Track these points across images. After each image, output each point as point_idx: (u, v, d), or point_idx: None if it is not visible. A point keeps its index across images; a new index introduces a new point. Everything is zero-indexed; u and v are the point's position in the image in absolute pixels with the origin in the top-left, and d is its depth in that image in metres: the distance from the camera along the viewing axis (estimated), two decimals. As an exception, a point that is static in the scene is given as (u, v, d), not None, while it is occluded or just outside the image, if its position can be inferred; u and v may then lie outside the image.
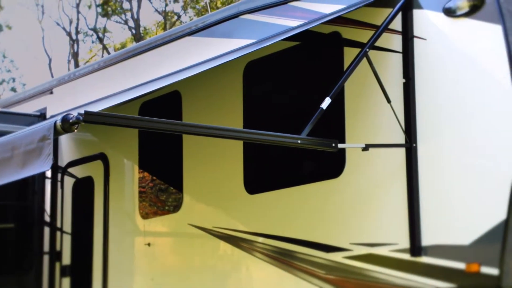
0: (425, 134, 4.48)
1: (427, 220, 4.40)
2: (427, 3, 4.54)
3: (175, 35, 6.01)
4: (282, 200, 5.24)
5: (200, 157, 5.88)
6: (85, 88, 6.83)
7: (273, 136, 4.31)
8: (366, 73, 4.56)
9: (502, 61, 4.17)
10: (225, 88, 5.73)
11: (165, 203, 6.35)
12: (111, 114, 3.89)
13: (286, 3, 5.21)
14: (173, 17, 23.71)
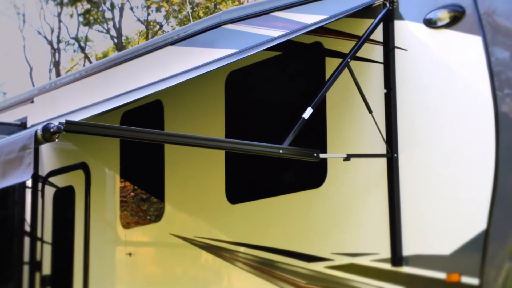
0: (406, 144, 4.50)
1: (408, 230, 4.41)
2: (408, 14, 4.57)
3: (157, 45, 6.00)
4: (264, 210, 5.23)
5: (182, 167, 5.87)
6: (67, 97, 6.80)
7: (255, 146, 4.31)
8: (348, 83, 4.58)
9: (482, 72, 4.20)
10: (207, 97, 5.73)
11: (147, 213, 6.33)
12: (92, 124, 3.88)
13: (268, 13, 5.22)
14: (155, 26, 23.69)
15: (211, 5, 21.27)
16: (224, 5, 21.01)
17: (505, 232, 4.06)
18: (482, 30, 4.23)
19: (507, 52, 4.16)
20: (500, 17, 4.22)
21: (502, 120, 4.12)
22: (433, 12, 4.43)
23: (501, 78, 4.14)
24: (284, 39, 4.81)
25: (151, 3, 22.99)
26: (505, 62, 4.16)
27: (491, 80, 4.17)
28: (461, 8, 4.32)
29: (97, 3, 23.38)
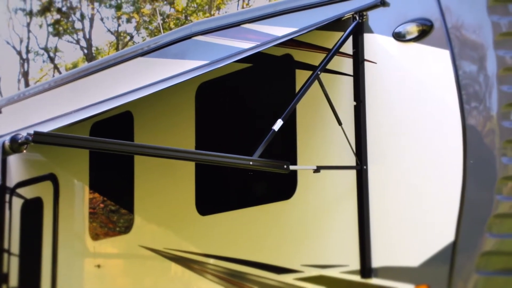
0: (375, 156, 4.53)
1: (377, 242, 4.44)
2: (377, 28, 4.61)
3: (128, 56, 5.99)
4: (234, 222, 5.23)
5: (152, 178, 5.85)
6: (35, 108, 6.75)
7: (225, 158, 4.31)
8: (318, 95, 4.60)
9: (450, 85, 4.24)
10: (177, 109, 5.72)
11: (116, 224, 6.29)
12: (61, 135, 3.86)
13: (238, 25, 5.23)
14: (125, 37, 23.63)
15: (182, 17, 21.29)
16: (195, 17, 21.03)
17: (473, 244, 4.10)
18: (450, 44, 4.28)
19: (474, 66, 4.22)
20: (467, 31, 4.27)
21: (469, 133, 4.16)
22: (402, 25, 4.47)
23: (469, 91, 4.19)
24: (255, 51, 4.82)
25: (121, 14, 22.95)
26: (472, 75, 4.21)
27: (458, 93, 4.22)
28: (429, 22, 4.37)
29: (67, 13, 23.27)
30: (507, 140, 4.08)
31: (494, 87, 4.14)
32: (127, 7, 23.13)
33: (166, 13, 21.87)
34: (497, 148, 4.10)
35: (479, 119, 4.16)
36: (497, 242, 4.09)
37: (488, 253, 4.09)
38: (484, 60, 4.18)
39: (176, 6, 21.57)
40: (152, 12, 21.62)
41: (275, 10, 5.07)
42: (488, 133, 4.13)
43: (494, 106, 4.13)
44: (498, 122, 4.11)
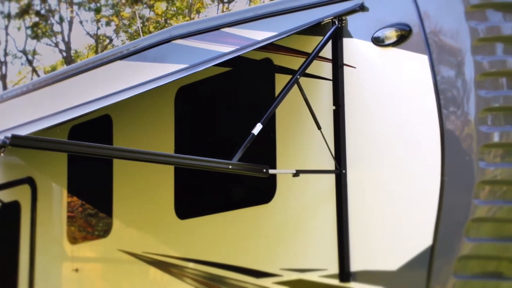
0: (354, 161, 4.55)
1: (356, 245, 4.45)
2: (356, 32, 4.63)
3: (107, 59, 5.96)
4: (213, 226, 5.23)
5: (131, 182, 5.83)
6: (13, 111, 6.71)
7: (204, 161, 4.31)
8: (297, 99, 4.61)
9: (428, 90, 4.27)
10: (156, 112, 5.71)
11: (95, 228, 6.27)
12: (39, 138, 3.83)
13: (218, 29, 5.23)
14: (105, 40, 23.55)
15: (162, 20, 21.26)
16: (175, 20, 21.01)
17: (451, 248, 4.13)
18: (428, 49, 4.31)
19: (452, 71, 4.25)
20: (445, 36, 4.30)
21: (447, 138, 4.19)
22: (381, 30, 4.49)
23: (447, 96, 4.22)
24: (234, 55, 4.83)
25: (101, 17, 22.87)
26: (450, 80, 4.24)
27: (436, 98, 4.24)
28: (408, 27, 4.40)
29: (45, 16, 23.16)
30: (485, 144, 4.11)
31: (471, 92, 4.17)
32: (106, 10, 23.07)
33: (146, 16, 21.83)
34: (474, 152, 4.13)
35: (457, 124, 4.19)
36: (474, 246, 4.12)
37: (466, 257, 4.12)
38: (462, 65, 4.21)
39: (155, 9, 21.53)
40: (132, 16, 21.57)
41: (255, 14, 5.08)
42: (465, 138, 4.16)
43: (472, 111, 4.16)
44: (476, 127, 4.14)
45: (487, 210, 4.10)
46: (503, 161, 4.12)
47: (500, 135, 4.13)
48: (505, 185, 4.12)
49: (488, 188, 4.11)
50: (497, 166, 4.11)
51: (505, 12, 4.26)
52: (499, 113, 4.15)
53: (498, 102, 4.14)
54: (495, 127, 4.13)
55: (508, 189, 4.12)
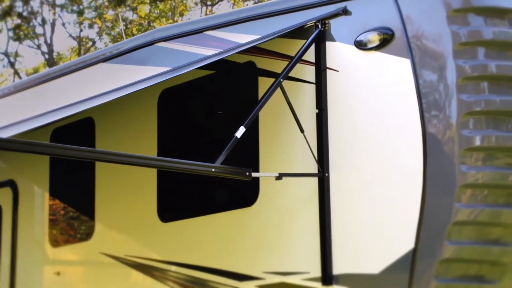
0: (337, 164, 4.56)
1: (338, 249, 4.46)
2: (339, 36, 4.64)
3: (90, 61, 5.95)
4: (196, 229, 5.22)
5: (113, 185, 5.81)
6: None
7: (187, 165, 4.30)
8: (280, 103, 4.62)
9: (411, 93, 4.29)
10: (139, 115, 5.70)
11: (77, 231, 6.24)
12: (21, 141, 3.82)
13: (201, 31, 5.23)
14: (87, 42, 23.48)
15: (145, 23, 21.22)
16: (158, 23, 20.98)
17: (432, 251, 4.14)
18: (411, 53, 4.33)
19: (434, 75, 4.27)
20: (427, 40, 4.32)
21: (429, 141, 4.21)
22: (363, 34, 4.51)
23: (429, 99, 4.24)
24: (217, 58, 4.83)
25: (83, 19, 22.80)
26: (432, 84, 4.26)
27: (419, 102, 4.26)
28: (390, 31, 4.42)
29: (27, 18, 23.05)
30: (466, 148, 4.14)
31: (453, 96, 4.19)
32: (89, 12, 23.01)
33: (129, 19, 21.79)
34: (456, 156, 4.15)
35: (439, 128, 4.21)
36: (456, 249, 4.14)
37: (447, 260, 4.14)
38: (444, 69, 4.24)
39: (139, 12, 21.50)
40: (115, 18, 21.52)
41: (238, 17, 5.09)
42: (447, 142, 4.18)
43: (454, 115, 4.18)
44: (458, 131, 4.16)
45: (468, 213, 4.13)
46: (484, 164, 4.15)
47: (482, 139, 4.15)
48: (486, 189, 4.15)
49: (469, 191, 4.13)
50: (478, 170, 4.13)
51: (486, 16, 4.29)
52: (480, 117, 4.17)
53: (480, 106, 4.17)
54: (476, 131, 4.16)
55: (489, 192, 4.15)
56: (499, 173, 4.15)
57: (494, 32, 4.26)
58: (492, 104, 4.17)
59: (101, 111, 5.70)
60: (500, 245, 4.17)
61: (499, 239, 4.17)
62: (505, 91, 4.21)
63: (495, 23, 4.29)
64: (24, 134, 4.79)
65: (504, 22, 4.29)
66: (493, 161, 4.15)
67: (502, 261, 4.18)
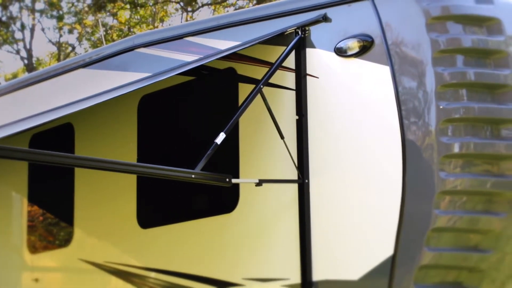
0: (317, 170, 4.57)
1: (318, 255, 4.47)
2: (319, 43, 4.66)
3: (69, 67, 5.92)
4: (176, 235, 5.21)
5: (93, 191, 5.78)
6: (-27, 118, 6.63)
7: (167, 171, 4.29)
8: (260, 109, 4.63)
9: (390, 100, 4.31)
10: (119, 121, 5.68)
11: (55, 237, 6.21)
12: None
13: (182, 38, 5.23)
14: (67, 48, 23.37)
15: (125, 28, 21.16)
16: (138, 29, 20.93)
17: (411, 258, 4.16)
18: (390, 60, 4.35)
19: (414, 82, 4.29)
20: (407, 48, 4.35)
21: (408, 148, 4.23)
22: (343, 41, 4.53)
23: (408, 106, 4.27)
24: (198, 64, 4.83)
25: (63, 24, 22.70)
26: (412, 91, 4.28)
27: (398, 109, 4.28)
28: (370, 38, 4.44)
29: (6, 23, 22.90)
30: (445, 155, 4.16)
31: (432, 103, 4.22)
32: (69, 17, 22.90)
33: (109, 24, 21.72)
34: (435, 163, 4.17)
35: (418, 134, 4.23)
36: (434, 255, 4.16)
37: (426, 267, 4.16)
38: (423, 77, 4.26)
39: (119, 17, 21.44)
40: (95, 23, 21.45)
41: (219, 23, 5.09)
42: (426, 148, 4.21)
43: (433, 122, 4.20)
44: (437, 138, 4.19)
45: (447, 220, 4.15)
46: (463, 171, 4.18)
47: (460, 146, 4.18)
48: (464, 195, 4.17)
49: (448, 198, 4.16)
50: (457, 177, 4.16)
51: (465, 24, 4.33)
52: (459, 124, 4.20)
53: (458, 113, 4.19)
54: (455, 138, 4.18)
55: (467, 199, 4.17)
56: (477, 180, 4.17)
57: (473, 40, 4.30)
58: (470, 111, 4.20)
59: (80, 117, 5.68)
60: (479, 252, 4.20)
61: (477, 246, 4.20)
62: (483, 98, 4.24)
63: (473, 31, 4.33)
64: (3, 139, 4.76)
65: (482, 30, 4.33)
66: (472, 168, 4.18)
67: (480, 268, 4.21)
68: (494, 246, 4.20)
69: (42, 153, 3.95)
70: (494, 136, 4.21)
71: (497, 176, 4.19)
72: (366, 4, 4.48)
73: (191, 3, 19.94)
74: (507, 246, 4.23)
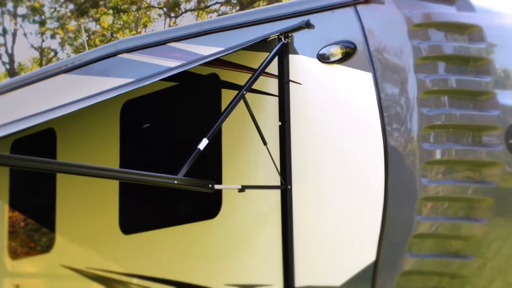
0: (299, 176, 4.57)
1: (300, 261, 4.47)
2: (302, 49, 4.67)
3: (51, 72, 5.90)
4: (158, 241, 5.19)
5: (75, 196, 5.76)
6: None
7: (149, 176, 4.28)
8: (243, 115, 4.63)
9: (372, 107, 4.33)
10: (101, 127, 5.67)
11: (37, 243, 6.17)
12: (-20, 152, 3.77)
13: (165, 43, 5.23)
14: (49, 53, 23.28)
15: (108, 34, 21.11)
16: (121, 34, 20.89)
17: (393, 264, 4.17)
18: (372, 67, 4.37)
19: (396, 88, 4.31)
20: (389, 54, 4.37)
21: (391, 154, 4.25)
22: (326, 47, 4.54)
23: (390, 113, 4.28)
24: (181, 70, 4.82)
25: (45, 29, 22.61)
26: (394, 98, 4.30)
27: (380, 115, 4.30)
28: (352, 45, 4.45)
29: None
30: (427, 162, 4.18)
31: (414, 109, 4.24)
32: (51, 22, 22.81)
33: (92, 29, 21.66)
34: (417, 169, 4.19)
35: (401, 141, 4.25)
36: (416, 262, 4.17)
37: (408, 273, 4.17)
38: (405, 83, 4.28)
39: (101, 23, 21.39)
40: (77, 29, 21.38)
41: (202, 29, 5.09)
42: (409, 155, 4.22)
43: (415, 128, 4.22)
44: (419, 144, 4.20)
45: (429, 226, 4.17)
46: (444, 178, 4.19)
47: (442, 152, 4.20)
48: (446, 202, 4.19)
49: (430, 204, 4.17)
50: (439, 183, 4.18)
51: (447, 31, 4.35)
52: (441, 130, 4.22)
53: (440, 120, 4.22)
54: (437, 144, 4.20)
55: (449, 205, 4.19)
56: (459, 187, 4.19)
57: (454, 47, 4.32)
58: (452, 118, 4.22)
59: (62, 122, 5.66)
60: (460, 258, 4.22)
61: (459, 252, 4.22)
62: (465, 105, 4.27)
63: (455, 38, 4.36)
64: (-16, 145, 4.74)
65: (464, 37, 4.36)
66: (453, 174, 4.20)
67: (462, 274, 4.23)
68: (475, 252, 4.22)
69: (24, 159, 3.93)
70: (476, 142, 4.24)
71: (479, 182, 4.21)
72: (349, 11, 4.50)
73: (174, 8, 19.94)
74: (488, 252, 4.25)
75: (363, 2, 4.45)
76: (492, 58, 4.33)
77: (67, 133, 5.84)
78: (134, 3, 20.37)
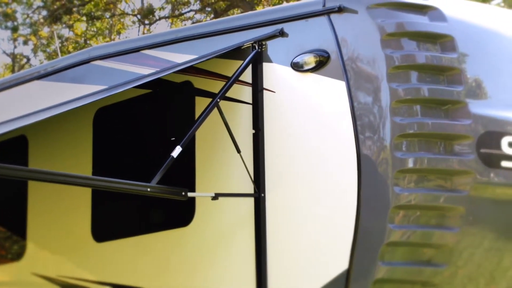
0: (273, 184, 4.58)
1: (274, 269, 4.47)
2: (276, 57, 4.68)
3: (24, 78, 5.87)
4: (131, 248, 5.17)
5: (47, 204, 5.72)
6: None
7: (122, 184, 4.27)
8: (217, 123, 4.63)
9: (346, 115, 4.35)
10: (74, 134, 5.64)
11: (7, 251, 6.12)
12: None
13: (138, 50, 5.22)
14: (22, 59, 23.11)
15: (81, 40, 21.01)
16: (95, 41, 20.80)
17: (366, 272, 4.19)
18: (346, 75, 4.39)
19: (369, 97, 4.34)
20: (362, 63, 4.39)
21: (363, 162, 4.27)
22: (300, 56, 4.56)
23: (363, 121, 4.31)
24: (154, 77, 4.81)
25: (18, 36, 22.44)
26: (367, 107, 4.33)
27: (353, 123, 4.32)
28: (326, 54, 4.48)
29: (-40, 33, 22.58)
30: (399, 170, 4.21)
31: (387, 118, 4.26)
32: (24, 29, 22.65)
33: (65, 36, 21.54)
34: (390, 178, 4.21)
35: (373, 149, 4.27)
36: (389, 270, 4.19)
37: (381, 281, 4.19)
38: (378, 92, 4.31)
39: (75, 29, 21.28)
40: (50, 35, 21.25)
41: (176, 37, 5.09)
42: (381, 163, 4.25)
43: (387, 137, 4.25)
44: (391, 153, 4.23)
45: (401, 234, 4.19)
46: (417, 186, 4.22)
47: (414, 161, 4.23)
48: (418, 210, 4.22)
49: (402, 212, 4.20)
50: (411, 192, 4.20)
51: (419, 41, 4.39)
52: (413, 139, 4.25)
53: (413, 129, 4.24)
54: (409, 153, 4.23)
55: (421, 213, 4.22)
56: (431, 195, 4.22)
57: (427, 57, 4.36)
58: (424, 127, 4.25)
59: (34, 129, 5.62)
60: (432, 266, 4.24)
61: (430, 260, 4.24)
62: (437, 114, 4.30)
63: (427, 48, 4.39)
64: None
65: (436, 47, 4.40)
66: (425, 183, 4.23)
67: (433, 282, 4.25)
68: (447, 261, 4.25)
69: (-5, 166, 3.90)
70: (447, 151, 4.27)
71: (450, 191, 4.24)
72: (323, 20, 4.53)
73: (148, 16, 19.89)
74: (459, 260, 4.28)
75: (336, 11, 4.48)
76: (464, 68, 4.38)
77: (39, 140, 5.80)
78: (108, 10, 20.31)
